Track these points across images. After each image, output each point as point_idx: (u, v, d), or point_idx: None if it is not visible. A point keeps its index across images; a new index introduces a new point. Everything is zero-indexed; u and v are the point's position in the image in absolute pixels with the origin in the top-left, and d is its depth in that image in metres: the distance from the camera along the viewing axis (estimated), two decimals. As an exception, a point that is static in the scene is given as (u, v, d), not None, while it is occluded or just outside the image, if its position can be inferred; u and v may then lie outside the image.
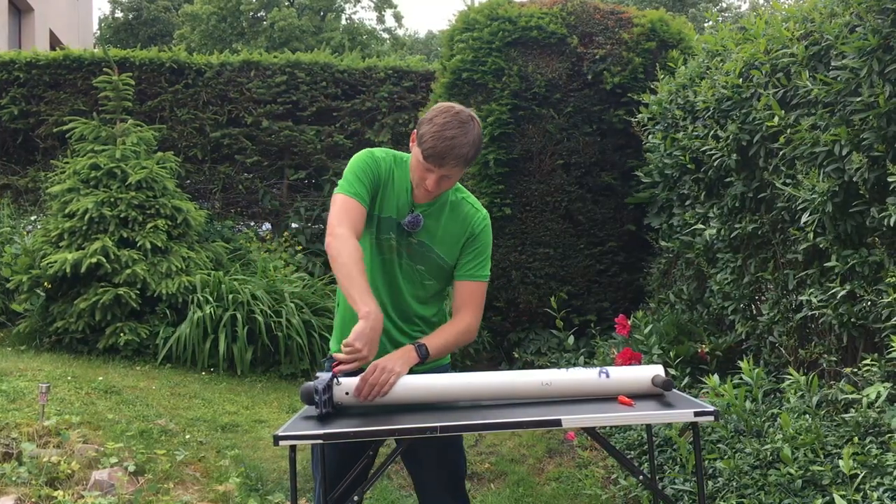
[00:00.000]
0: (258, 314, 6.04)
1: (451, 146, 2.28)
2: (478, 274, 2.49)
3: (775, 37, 3.76)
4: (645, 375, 2.23)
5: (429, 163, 2.31)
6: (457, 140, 2.28)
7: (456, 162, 2.31)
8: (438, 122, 2.30)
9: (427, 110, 2.45)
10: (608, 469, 4.13)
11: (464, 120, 2.32)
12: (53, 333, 6.08)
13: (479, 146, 2.37)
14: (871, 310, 3.16)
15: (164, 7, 33.88)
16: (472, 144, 2.33)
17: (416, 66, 9.06)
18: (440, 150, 2.28)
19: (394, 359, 2.22)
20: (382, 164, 2.44)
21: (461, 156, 2.30)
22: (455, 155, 2.29)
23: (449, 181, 2.38)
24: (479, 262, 2.50)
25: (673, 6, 27.73)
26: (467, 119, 2.33)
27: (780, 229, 3.89)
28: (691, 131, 4.49)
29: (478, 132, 2.35)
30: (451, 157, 2.29)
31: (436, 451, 2.51)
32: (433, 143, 2.28)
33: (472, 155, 2.34)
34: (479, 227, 2.50)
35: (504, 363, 6.06)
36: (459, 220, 2.49)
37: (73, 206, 6.18)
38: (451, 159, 2.29)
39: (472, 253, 2.49)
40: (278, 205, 8.80)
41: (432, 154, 2.29)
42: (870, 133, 3.10)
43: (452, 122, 2.30)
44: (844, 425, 3.01)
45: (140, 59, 8.61)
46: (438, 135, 2.28)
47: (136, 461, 3.87)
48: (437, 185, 2.35)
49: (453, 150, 2.28)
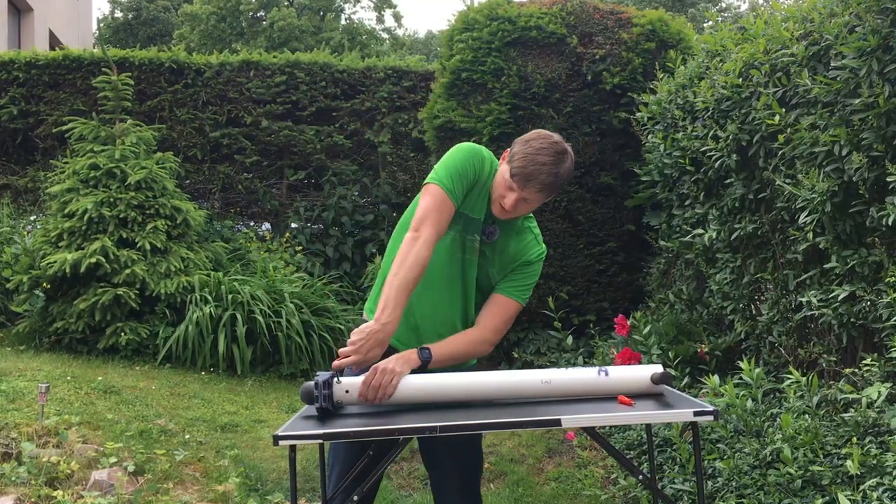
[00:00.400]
0: (258, 314, 6.04)
1: (539, 171, 2.29)
2: (516, 294, 2.49)
3: (775, 37, 3.76)
4: (644, 374, 2.23)
5: (513, 181, 2.32)
6: (546, 168, 2.30)
7: (539, 188, 2.32)
8: (534, 146, 2.32)
9: (426, 110, 2.46)
10: (608, 469, 4.13)
11: (559, 151, 2.33)
12: (53, 333, 6.08)
13: (565, 181, 2.38)
14: (871, 310, 3.16)
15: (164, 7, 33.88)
16: (560, 176, 2.33)
17: (415, 66, 9.06)
18: (528, 173, 2.29)
19: (395, 360, 2.22)
20: (486, 166, 2.43)
21: (546, 184, 2.31)
22: (540, 181, 2.30)
23: (526, 206, 2.38)
24: (524, 286, 2.51)
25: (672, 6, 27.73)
26: (563, 151, 2.34)
27: (780, 229, 3.89)
28: (691, 131, 4.49)
29: (569, 167, 2.36)
30: (537, 182, 2.30)
31: (455, 450, 2.51)
32: (523, 164, 2.30)
33: (556, 186, 2.35)
34: (534, 257, 2.52)
35: (504, 363, 6.06)
36: (520, 246, 2.51)
37: (72, 206, 6.18)
38: (535, 184, 2.30)
39: (519, 276, 2.50)
40: (278, 205, 8.80)
41: (519, 174, 2.30)
42: (869, 133, 3.11)
43: (548, 149, 2.32)
44: (844, 425, 3.01)
45: (139, 59, 8.61)
46: (530, 157, 2.30)
47: (135, 461, 3.87)
48: (515, 207, 2.36)
49: (540, 175, 2.30)
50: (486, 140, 5.82)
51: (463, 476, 2.58)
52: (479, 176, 2.40)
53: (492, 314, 2.46)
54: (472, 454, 2.59)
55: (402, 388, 2.19)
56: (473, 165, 2.39)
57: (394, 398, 2.18)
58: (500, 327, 2.47)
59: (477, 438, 2.65)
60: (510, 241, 2.49)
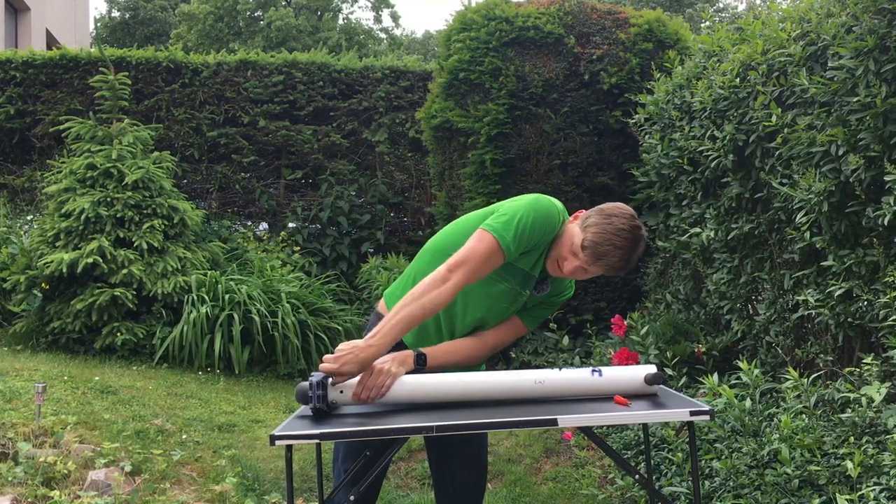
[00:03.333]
0: (254, 314, 6.04)
1: (612, 254, 2.21)
2: (531, 322, 2.50)
3: (772, 37, 3.76)
4: (638, 374, 2.24)
5: (583, 253, 2.24)
6: (620, 252, 2.22)
7: (607, 269, 2.25)
8: (615, 224, 2.22)
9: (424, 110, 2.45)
10: (605, 469, 4.13)
11: (637, 238, 2.24)
12: (50, 333, 6.07)
13: (631, 267, 2.29)
14: (868, 309, 3.16)
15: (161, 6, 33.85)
16: (629, 262, 2.26)
17: (413, 66, 9.06)
18: (601, 252, 2.21)
19: (391, 360, 2.22)
20: (557, 228, 2.33)
21: (613, 266, 2.24)
22: (609, 263, 2.23)
23: (584, 274, 2.31)
24: (540, 317, 2.53)
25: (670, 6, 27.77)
26: (640, 237, 2.25)
27: (777, 229, 3.89)
28: (688, 132, 4.49)
29: (641, 253, 2.28)
30: (605, 262, 2.23)
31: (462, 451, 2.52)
32: (598, 241, 2.21)
33: (621, 270, 2.27)
34: (563, 297, 2.52)
35: (501, 363, 6.07)
36: (558, 287, 2.50)
37: (69, 206, 6.17)
38: (604, 264, 2.24)
39: (542, 309, 2.51)
40: (275, 204, 8.79)
41: (591, 249, 2.22)
42: (866, 133, 3.11)
43: (627, 232, 2.22)
44: (841, 425, 3.01)
45: (136, 59, 8.60)
46: (608, 237, 2.21)
47: (132, 461, 3.87)
48: (572, 274, 2.31)
49: (612, 258, 2.22)
50: (484, 140, 5.82)
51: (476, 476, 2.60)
52: (546, 235, 2.30)
53: (500, 331, 2.46)
54: (480, 455, 2.60)
55: (398, 387, 2.19)
56: (544, 231, 2.29)
57: (390, 398, 2.19)
58: (502, 344, 2.48)
59: (484, 438, 2.67)
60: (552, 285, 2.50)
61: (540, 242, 2.31)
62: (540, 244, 2.31)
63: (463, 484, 2.58)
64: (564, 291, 2.53)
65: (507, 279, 2.36)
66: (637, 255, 2.28)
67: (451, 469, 2.59)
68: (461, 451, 2.54)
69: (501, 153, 5.87)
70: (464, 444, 2.48)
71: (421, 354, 2.31)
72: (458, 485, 2.59)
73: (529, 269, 2.37)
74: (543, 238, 2.30)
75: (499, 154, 5.86)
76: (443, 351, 2.37)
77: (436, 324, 2.44)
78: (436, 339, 2.44)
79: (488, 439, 2.74)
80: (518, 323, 2.48)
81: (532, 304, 2.49)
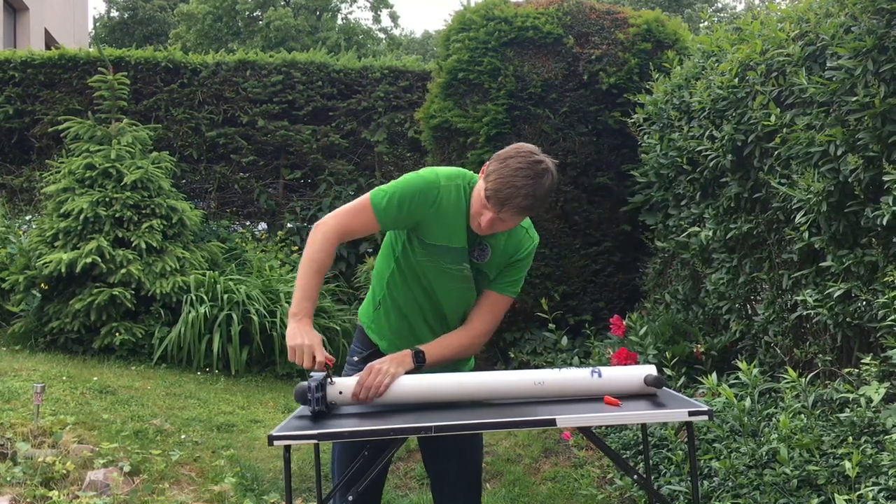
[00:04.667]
0: (253, 314, 6.04)
1: (515, 195, 2.14)
2: (509, 289, 2.45)
3: (771, 37, 3.76)
4: (637, 375, 2.24)
5: (488, 203, 2.19)
6: (523, 191, 2.14)
7: (516, 211, 2.19)
8: (511, 165, 2.16)
9: (423, 110, 2.44)
10: (604, 469, 4.13)
11: (539, 172, 2.16)
12: (48, 333, 6.07)
13: (546, 201, 2.23)
14: (867, 309, 3.16)
15: (160, 6, 33.84)
16: (539, 199, 2.18)
17: (412, 65, 9.06)
18: (503, 196, 2.15)
19: (389, 361, 2.22)
20: (448, 195, 2.31)
21: (522, 207, 2.17)
22: (516, 205, 2.16)
23: (503, 224, 2.26)
24: (515, 279, 2.46)
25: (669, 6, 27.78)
26: (542, 171, 2.17)
27: (776, 229, 3.89)
28: (687, 132, 4.49)
29: (549, 186, 2.19)
30: (513, 205, 2.16)
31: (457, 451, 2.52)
32: (498, 186, 2.15)
33: (535, 208, 2.21)
34: (525, 252, 2.45)
35: (500, 363, 6.06)
36: (513, 245, 2.43)
37: (68, 206, 6.17)
38: (511, 207, 2.17)
39: (513, 271, 2.45)
40: (274, 204, 8.79)
41: (493, 196, 2.17)
42: (865, 133, 3.11)
43: (526, 170, 2.15)
44: (840, 425, 3.01)
45: (135, 59, 8.59)
46: (506, 180, 2.14)
47: (131, 461, 3.87)
48: (491, 227, 2.25)
49: (515, 199, 2.15)
50: (483, 140, 5.82)
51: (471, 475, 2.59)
52: (424, 210, 2.30)
53: (484, 312, 2.43)
54: (475, 455, 2.60)
55: (396, 388, 2.19)
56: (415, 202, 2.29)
57: (389, 398, 2.19)
58: (492, 325, 2.44)
59: (479, 438, 2.66)
60: (502, 245, 2.42)
61: (420, 213, 2.30)
62: (423, 215, 2.31)
63: (457, 484, 2.58)
64: (522, 246, 2.44)
65: (437, 260, 2.37)
66: (544, 190, 2.19)
67: (444, 469, 2.59)
68: (454, 450, 2.53)
69: (500, 153, 5.86)
70: (455, 444, 2.47)
71: (419, 352, 2.31)
72: (452, 484, 2.58)
73: (450, 244, 2.35)
74: (421, 209, 2.30)
75: (498, 154, 5.85)
76: (439, 346, 2.37)
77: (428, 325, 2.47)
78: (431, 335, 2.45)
79: (485, 439, 2.74)
80: (496, 297, 2.43)
81: (496, 274, 2.44)
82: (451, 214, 2.32)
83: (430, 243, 2.36)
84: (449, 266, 2.38)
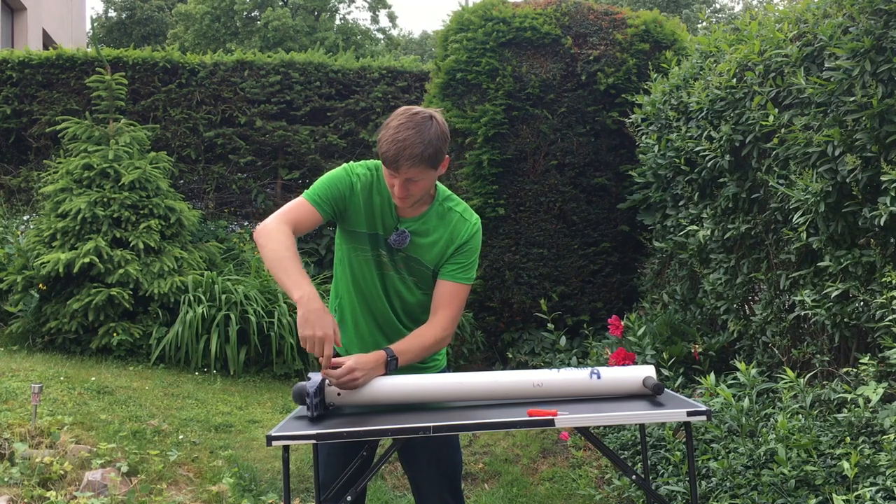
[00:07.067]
0: (251, 314, 6.03)
1: (404, 147, 2.19)
2: (461, 276, 2.43)
3: (768, 38, 3.77)
4: (636, 376, 2.24)
5: (387, 168, 2.25)
6: (409, 141, 2.20)
7: (412, 163, 2.21)
8: (392, 126, 2.24)
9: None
10: (602, 469, 4.13)
11: (419, 121, 2.23)
12: (46, 334, 6.06)
13: (438, 144, 2.25)
14: (864, 310, 3.17)
15: (158, 7, 33.82)
16: (428, 143, 2.22)
17: (410, 66, 9.06)
18: (393, 154, 2.21)
19: (362, 366, 2.19)
20: (360, 179, 2.39)
21: (415, 156, 2.20)
22: (408, 156, 2.20)
23: (416, 185, 2.28)
24: (465, 265, 2.44)
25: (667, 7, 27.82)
26: (423, 119, 2.24)
27: (773, 230, 3.90)
28: (685, 132, 4.50)
29: (436, 130, 2.24)
30: (405, 158, 2.20)
31: (431, 451, 2.51)
32: (387, 147, 2.22)
33: (429, 153, 2.23)
34: (466, 236, 2.43)
35: (498, 363, 6.07)
36: (447, 231, 2.42)
37: (65, 206, 6.16)
38: (405, 160, 2.20)
39: (460, 258, 2.43)
40: (272, 205, 8.77)
41: (386, 158, 2.23)
42: (863, 134, 3.11)
43: (407, 123, 2.22)
44: (837, 425, 3.02)
45: (133, 59, 8.59)
46: (391, 138, 2.21)
47: (128, 462, 3.86)
48: (405, 191, 2.27)
49: (405, 150, 2.19)
50: (481, 140, 5.83)
51: (446, 475, 2.58)
52: (346, 189, 2.38)
53: (442, 303, 2.41)
54: (450, 454, 2.59)
55: (393, 389, 2.19)
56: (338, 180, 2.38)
57: (386, 399, 2.19)
58: (454, 312, 2.42)
59: (454, 438, 2.64)
60: (433, 232, 2.42)
61: (341, 194, 2.38)
62: (344, 199, 2.38)
63: (435, 484, 2.57)
64: (460, 231, 2.43)
65: (360, 249, 2.43)
66: (433, 133, 2.23)
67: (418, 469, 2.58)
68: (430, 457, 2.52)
69: (498, 153, 5.88)
70: (426, 444, 2.44)
71: (393, 359, 2.27)
72: (430, 485, 2.58)
73: (367, 230, 2.41)
74: (341, 190, 2.38)
75: (496, 154, 5.87)
76: (406, 345, 2.34)
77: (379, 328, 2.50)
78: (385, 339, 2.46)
79: (483, 440, 2.73)
80: (452, 286, 2.42)
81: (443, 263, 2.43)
82: (365, 199, 2.40)
83: (351, 230, 2.43)
84: (370, 253, 2.43)
